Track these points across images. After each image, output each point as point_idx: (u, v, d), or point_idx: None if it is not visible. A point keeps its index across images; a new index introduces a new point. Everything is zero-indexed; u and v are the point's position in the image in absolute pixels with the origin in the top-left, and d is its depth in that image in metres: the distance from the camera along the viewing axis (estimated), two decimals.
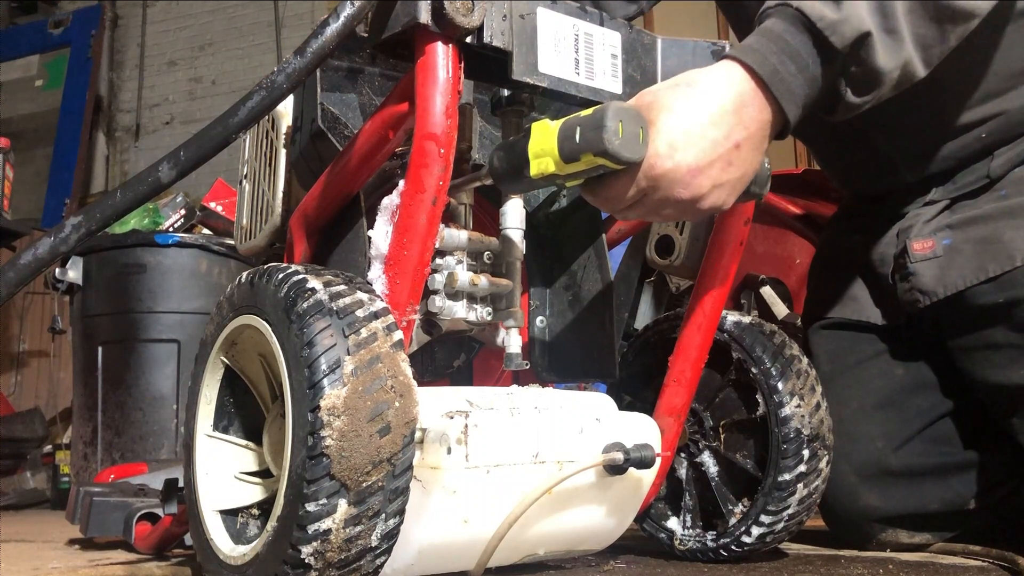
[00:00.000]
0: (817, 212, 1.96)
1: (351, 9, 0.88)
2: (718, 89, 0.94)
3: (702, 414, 1.25)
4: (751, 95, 0.94)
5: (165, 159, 0.89)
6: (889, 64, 0.98)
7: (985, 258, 1.22)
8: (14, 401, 4.10)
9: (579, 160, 0.89)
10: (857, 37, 0.95)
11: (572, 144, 0.88)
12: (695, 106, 0.92)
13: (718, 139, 0.92)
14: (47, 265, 0.88)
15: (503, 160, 0.96)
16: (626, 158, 0.88)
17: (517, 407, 0.98)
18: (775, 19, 0.97)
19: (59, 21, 5.39)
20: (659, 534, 1.27)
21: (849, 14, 0.95)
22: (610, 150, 0.86)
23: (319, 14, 4.93)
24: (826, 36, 0.94)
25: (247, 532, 0.99)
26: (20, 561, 1.44)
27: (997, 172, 1.27)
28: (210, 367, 1.02)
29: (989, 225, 1.24)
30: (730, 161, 0.93)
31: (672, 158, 0.90)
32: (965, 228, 1.26)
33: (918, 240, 1.30)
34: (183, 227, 3.16)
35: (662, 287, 2.00)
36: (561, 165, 0.90)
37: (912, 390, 1.35)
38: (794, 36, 0.95)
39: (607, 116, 0.86)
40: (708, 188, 0.93)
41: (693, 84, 0.94)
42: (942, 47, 1.04)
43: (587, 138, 0.87)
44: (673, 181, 0.91)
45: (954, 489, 1.30)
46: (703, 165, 0.91)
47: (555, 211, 1.30)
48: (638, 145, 0.89)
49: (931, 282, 1.27)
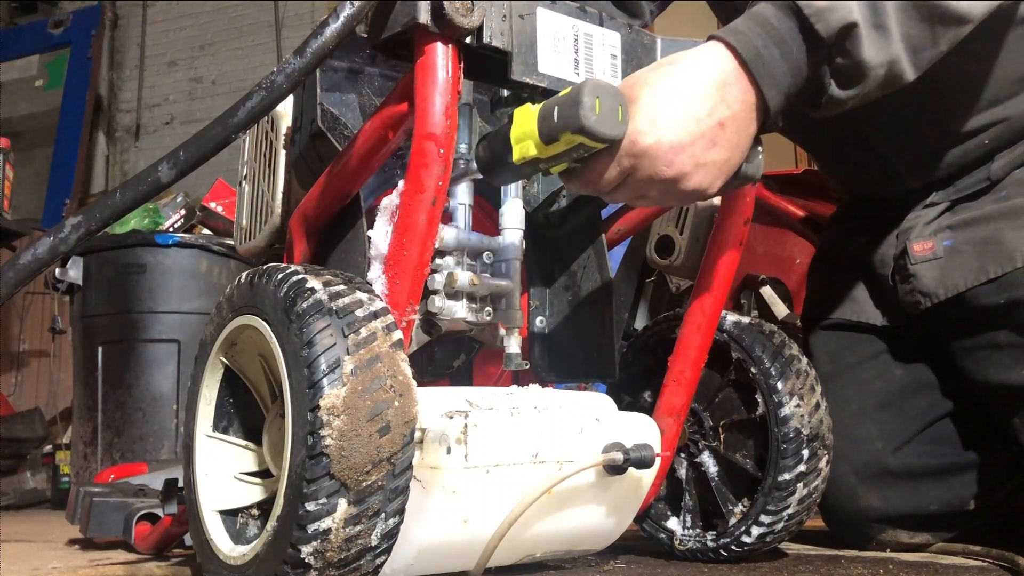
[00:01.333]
0: (817, 212, 1.96)
1: (351, 9, 0.88)
2: (700, 67, 0.93)
3: (702, 414, 1.25)
4: (734, 75, 0.93)
5: (165, 159, 0.89)
6: (875, 59, 0.96)
7: (986, 259, 1.22)
8: (14, 401, 4.10)
9: (559, 140, 0.88)
10: (843, 27, 0.93)
11: (551, 124, 0.88)
12: (676, 82, 0.91)
13: (700, 115, 0.91)
14: (47, 265, 0.88)
15: (487, 149, 0.96)
16: (604, 134, 0.87)
17: (517, 407, 0.98)
18: (764, 3, 0.97)
19: (59, 21, 5.39)
20: (659, 534, 1.27)
21: (837, 4, 0.94)
22: (587, 126, 0.85)
23: (319, 14, 4.93)
24: (812, 23, 0.93)
25: (247, 532, 0.99)
26: (20, 561, 1.44)
27: (998, 174, 1.26)
28: (210, 367, 1.02)
29: (989, 226, 1.23)
30: (714, 140, 0.92)
31: (653, 134, 0.89)
32: (965, 229, 1.26)
33: (918, 241, 1.30)
34: (183, 227, 3.16)
35: (662, 287, 2.00)
36: (542, 147, 0.90)
37: (911, 391, 1.35)
38: (780, 21, 0.94)
39: (583, 93, 0.86)
40: (691, 167, 0.92)
41: (675, 62, 0.94)
42: (932, 51, 1.02)
43: (564, 116, 0.86)
44: (655, 158, 0.90)
45: (953, 490, 1.30)
46: (685, 142, 0.90)
47: (555, 211, 1.30)
48: (616, 122, 0.88)
49: (932, 283, 1.27)
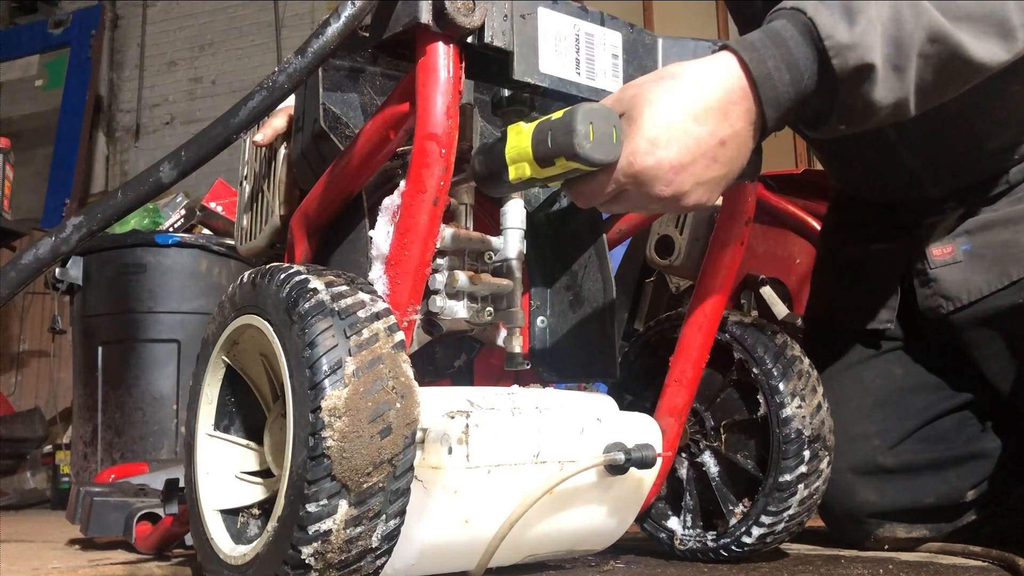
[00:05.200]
0: (817, 212, 1.96)
1: (352, 9, 0.88)
2: (705, 83, 0.90)
3: (703, 414, 1.25)
4: (740, 93, 0.91)
5: (166, 159, 0.89)
6: (885, 100, 0.93)
7: (1008, 262, 1.23)
8: (14, 401, 4.10)
9: (554, 164, 0.88)
10: (860, 66, 0.91)
11: (545, 149, 0.88)
12: (679, 101, 0.89)
13: (702, 136, 0.89)
14: (48, 265, 0.88)
15: (483, 164, 0.96)
16: (598, 160, 0.87)
17: (518, 407, 0.98)
18: (784, 22, 0.93)
19: (59, 21, 5.40)
20: (659, 534, 1.27)
21: (860, 40, 0.90)
22: (581, 154, 0.86)
23: (319, 14, 4.94)
24: (830, 56, 0.90)
25: (248, 532, 0.99)
26: (20, 561, 1.44)
27: (1016, 178, 1.27)
28: (211, 366, 1.02)
29: (1008, 229, 1.24)
30: (714, 158, 0.90)
31: (653, 154, 0.88)
32: (984, 233, 1.27)
33: (937, 246, 1.30)
34: (183, 227, 3.16)
35: (662, 287, 2.00)
36: (537, 169, 0.90)
37: (910, 390, 1.36)
38: (798, 46, 0.91)
39: (576, 119, 0.85)
40: (691, 186, 0.90)
41: (678, 76, 0.90)
42: (939, 97, 0.99)
43: (558, 143, 0.87)
44: (654, 178, 0.89)
45: (949, 482, 1.31)
46: (685, 162, 0.89)
47: (556, 211, 1.29)
48: (611, 145, 0.88)
49: (954, 288, 1.28)
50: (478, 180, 0.98)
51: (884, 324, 1.39)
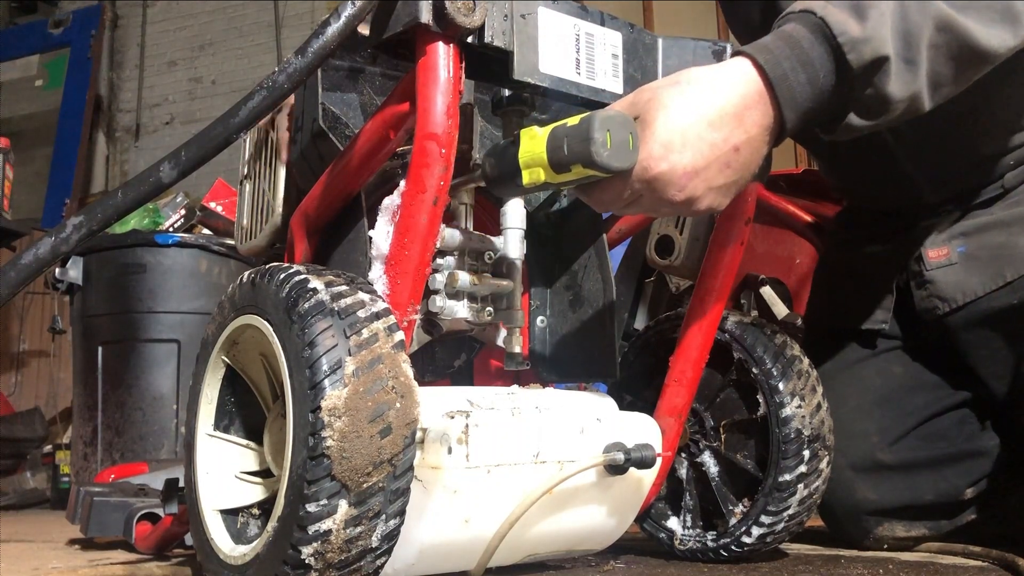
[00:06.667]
0: (817, 212, 1.96)
1: (352, 9, 0.88)
2: (721, 89, 0.91)
3: (703, 414, 1.25)
4: (756, 98, 0.91)
5: (166, 159, 0.89)
6: (900, 93, 0.94)
7: (1002, 264, 1.24)
8: (14, 401, 4.10)
9: (570, 171, 0.88)
10: (874, 59, 0.91)
11: (561, 155, 0.88)
12: (694, 105, 0.89)
13: (716, 142, 0.89)
14: (48, 265, 0.88)
15: (495, 167, 0.96)
16: (616, 168, 0.87)
17: (518, 407, 0.98)
18: (796, 24, 0.94)
19: (59, 21, 5.40)
20: (659, 534, 1.27)
21: (872, 34, 0.91)
22: (599, 162, 0.86)
23: (319, 14, 4.94)
24: (844, 51, 0.91)
25: (247, 532, 0.99)
26: (20, 561, 1.44)
27: (1011, 182, 1.28)
28: (211, 366, 1.02)
29: (1003, 232, 1.26)
30: (728, 163, 0.91)
31: (667, 159, 0.88)
32: (979, 235, 1.28)
33: (933, 248, 1.31)
34: (183, 227, 3.16)
35: (662, 287, 2.00)
36: (553, 175, 0.90)
37: (910, 389, 1.37)
38: (812, 46, 0.92)
39: (594, 127, 0.85)
40: (703, 191, 0.91)
41: (694, 82, 0.91)
42: (952, 88, 1.00)
43: (575, 150, 0.87)
44: (668, 184, 0.89)
45: (948, 480, 1.32)
46: (699, 167, 0.89)
47: (556, 211, 1.29)
48: (628, 152, 0.88)
49: (950, 289, 1.29)
50: (489, 183, 0.98)
51: (879, 324, 1.40)
